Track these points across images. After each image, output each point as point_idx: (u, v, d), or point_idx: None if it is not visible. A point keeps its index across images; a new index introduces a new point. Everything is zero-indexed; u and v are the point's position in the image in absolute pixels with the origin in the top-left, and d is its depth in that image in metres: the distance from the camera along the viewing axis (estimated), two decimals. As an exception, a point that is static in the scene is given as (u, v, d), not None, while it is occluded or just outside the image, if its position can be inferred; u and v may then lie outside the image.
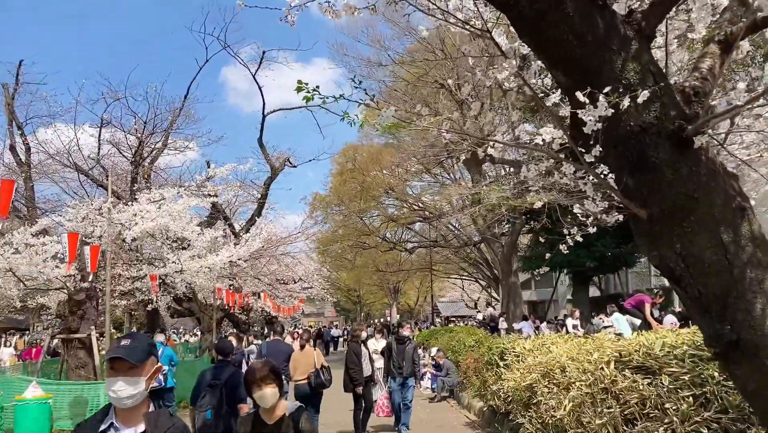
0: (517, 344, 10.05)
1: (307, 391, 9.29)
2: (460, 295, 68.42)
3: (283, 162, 24.36)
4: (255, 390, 4.00)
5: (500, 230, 26.33)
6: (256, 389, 4.00)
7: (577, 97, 2.95)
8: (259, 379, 3.99)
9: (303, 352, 9.77)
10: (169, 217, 13.23)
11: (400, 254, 43.22)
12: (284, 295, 31.99)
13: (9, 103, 18.15)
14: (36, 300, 15.08)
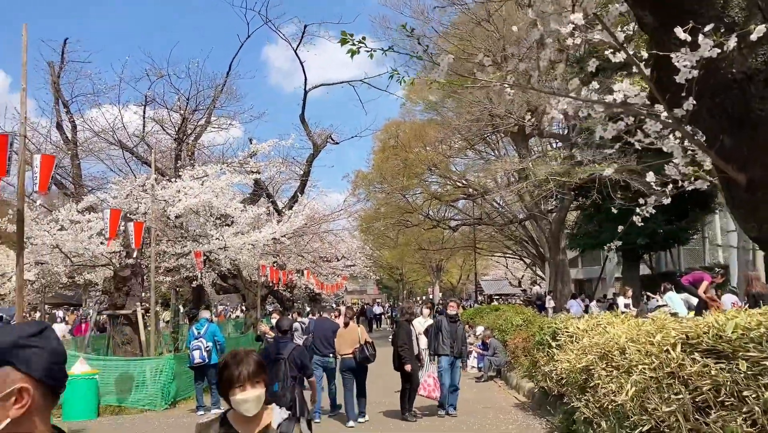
0: (570, 324, 9.62)
1: (353, 364, 9.90)
2: (504, 273, 67.63)
3: (325, 139, 24.11)
4: (236, 391, 2.70)
5: (547, 207, 25.64)
6: (237, 390, 2.69)
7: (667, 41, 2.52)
8: (245, 376, 2.70)
9: (348, 329, 10.28)
10: (212, 193, 13.12)
11: (443, 232, 42.79)
12: (327, 272, 31.96)
13: (55, 81, 18.25)
14: (83, 276, 15.20)
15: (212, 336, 11.35)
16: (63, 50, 18.42)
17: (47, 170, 8.03)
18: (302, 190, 23.31)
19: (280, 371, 6.58)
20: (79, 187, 17.29)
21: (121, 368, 12.41)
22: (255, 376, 2.73)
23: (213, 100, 19.61)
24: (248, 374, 2.72)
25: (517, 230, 41.04)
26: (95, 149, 19.79)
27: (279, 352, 6.78)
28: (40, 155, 8.06)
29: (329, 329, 10.51)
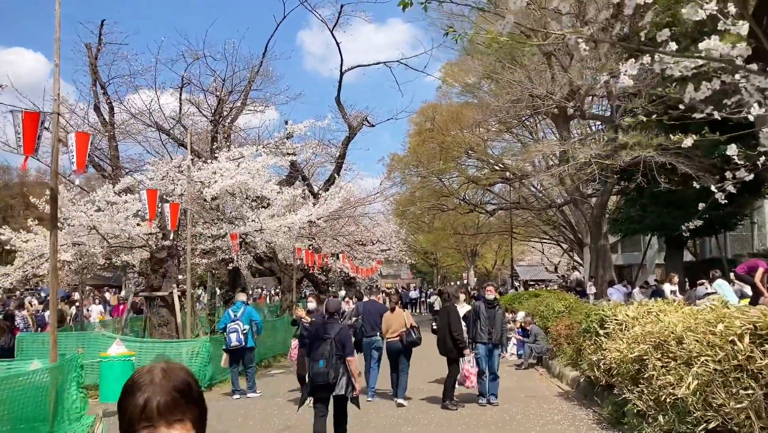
0: (619, 311, 9.19)
1: (399, 347, 10.38)
2: (540, 259, 66.72)
3: (361, 121, 23.78)
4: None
5: (588, 191, 24.94)
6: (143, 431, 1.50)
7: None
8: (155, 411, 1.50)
9: (394, 313, 10.72)
10: (248, 174, 12.91)
11: (479, 216, 42.19)
12: (362, 256, 31.76)
13: (92, 63, 18.21)
14: (120, 258, 15.21)
15: (249, 319, 11.18)
16: (100, 32, 18.36)
17: (83, 148, 7.86)
18: (338, 172, 23.07)
19: (326, 349, 6.93)
20: (116, 169, 17.28)
21: (157, 350, 12.32)
22: (172, 410, 1.51)
23: (249, 81, 19.40)
24: (160, 406, 1.50)
25: (555, 215, 40.31)
26: (133, 131, 19.77)
27: (326, 332, 7.10)
28: (75, 133, 7.89)
29: (379, 311, 10.99)
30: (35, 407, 7.18)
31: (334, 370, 6.88)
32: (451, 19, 24.76)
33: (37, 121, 6.98)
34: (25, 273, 13.15)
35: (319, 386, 6.94)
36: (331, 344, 6.95)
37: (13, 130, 7.01)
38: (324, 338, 7.02)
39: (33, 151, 7.07)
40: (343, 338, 7.10)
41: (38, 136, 7.03)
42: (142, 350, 12.23)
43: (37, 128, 6.98)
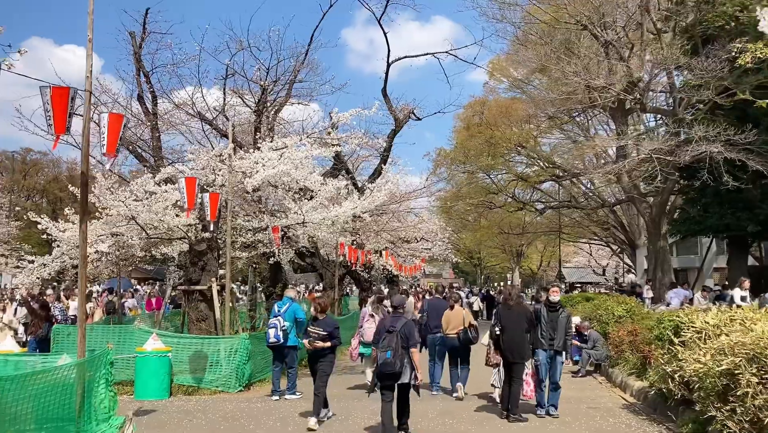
0: (697, 318, 8.26)
1: (456, 344, 10.84)
2: (587, 261, 65.06)
3: (408, 114, 23.00)
4: None
5: (645, 189, 23.70)
6: None
7: None
8: None
9: (453, 311, 11.09)
10: (291, 164, 12.31)
11: (524, 216, 41.02)
12: (406, 254, 31.03)
13: (136, 52, 17.88)
14: (159, 250, 14.80)
15: (293, 316, 10.56)
16: (144, 20, 18.02)
17: (116, 130, 7.30)
18: (383, 166, 22.37)
19: (393, 341, 7.55)
20: (158, 159, 16.92)
21: (194, 346, 11.83)
22: None
23: (294, 71, 18.85)
24: None
25: (606, 215, 38.89)
26: (175, 122, 19.43)
27: (393, 325, 7.74)
28: (108, 113, 7.34)
29: (442, 309, 11.31)
30: (61, 406, 6.67)
31: (399, 360, 7.47)
32: (502, 9, 23.89)
33: (67, 97, 6.44)
34: (63, 263, 12.81)
35: (386, 374, 7.57)
36: (398, 336, 7.57)
37: (42, 108, 6.49)
38: (391, 331, 7.65)
39: (64, 130, 6.55)
40: (408, 330, 7.70)
41: (69, 114, 6.50)
42: (179, 346, 11.76)
43: (66, 105, 6.45)
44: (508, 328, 8.94)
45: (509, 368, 9.00)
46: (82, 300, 7.02)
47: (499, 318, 9.10)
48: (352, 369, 14.59)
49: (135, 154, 17.84)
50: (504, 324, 8.97)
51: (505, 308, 9.19)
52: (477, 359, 11.08)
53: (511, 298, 9.25)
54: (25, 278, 12.91)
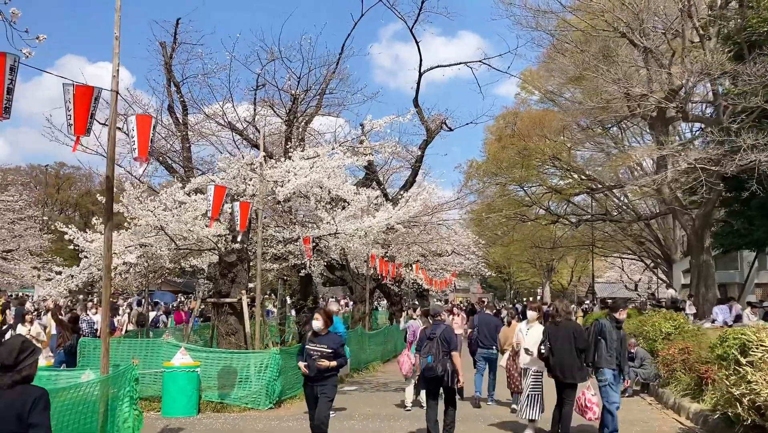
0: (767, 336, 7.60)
1: None
2: (619, 276, 63.74)
3: (440, 124, 22.52)
4: None
5: (687, 200, 22.82)
6: None
7: None
8: None
9: (511, 327, 11.44)
10: (324, 172, 11.89)
11: (555, 229, 40.07)
12: (436, 268, 30.44)
13: (167, 62, 17.71)
14: (188, 262, 14.46)
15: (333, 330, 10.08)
16: (175, 31, 17.86)
17: (145, 132, 6.93)
18: (414, 177, 21.92)
19: (434, 347, 7.92)
20: (189, 170, 16.66)
21: (224, 361, 11.41)
22: None
23: (325, 81, 18.48)
24: None
25: (641, 229, 37.84)
26: (206, 132, 19.20)
27: (433, 332, 8.10)
28: (136, 115, 6.98)
29: (492, 324, 11.71)
30: (81, 425, 6.25)
31: (441, 364, 7.79)
32: (536, 17, 23.37)
33: (90, 97, 6.08)
34: (91, 275, 12.52)
35: (429, 379, 7.99)
36: (437, 342, 7.92)
37: (64, 107, 6.14)
38: (431, 338, 8.03)
39: (84, 132, 6.17)
40: (447, 335, 8.02)
41: (91, 114, 6.13)
42: (207, 361, 11.34)
43: (89, 105, 6.08)
44: (556, 346, 8.28)
45: (560, 388, 8.38)
46: (106, 312, 6.63)
47: (547, 336, 8.46)
48: (385, 386, 14.07)
49: (165, 165, 17.62)
50: (552, 342, 8.32)
51: (553, 325, 8.53)
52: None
53: (559, 314, 8.54)
54: (53, 290, 12.64)
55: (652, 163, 32.61)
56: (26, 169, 62.28)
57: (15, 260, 34.94)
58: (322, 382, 7.25)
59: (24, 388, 3.63)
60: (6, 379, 3.60)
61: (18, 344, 3.72)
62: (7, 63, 4.93)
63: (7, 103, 5.00)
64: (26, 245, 36.11)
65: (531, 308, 9.86)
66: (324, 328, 7.40)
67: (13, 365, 3.62)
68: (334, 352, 7.26)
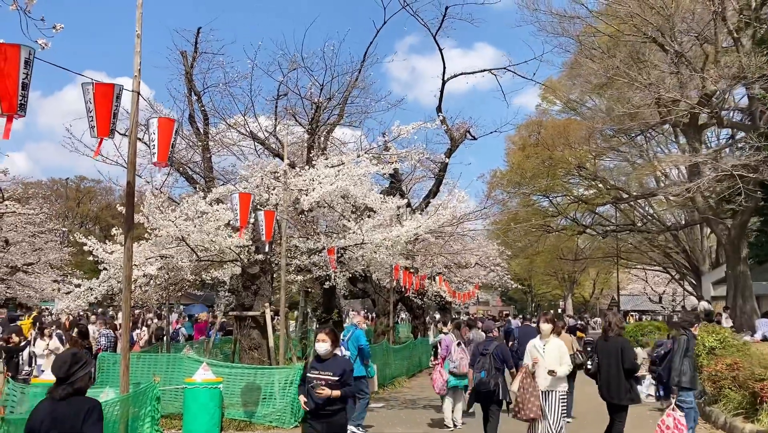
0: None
1: None
2: (643, 288, 62.70)
3: (464, 133, 22.08)
4: None
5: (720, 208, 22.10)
6: None
7: None
8: None
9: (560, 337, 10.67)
10: (350, 180, 11.46)
11: (577, 240, 39.29)
12: (459, 280, 29.87)
13: (188, 71, 17.44)
14: (210, 273, 14.06)
15: (356, 344, 9.62)
16: (196, 39, 17.60)
17: (167, 136, 6.56)
18: (439, 186, 21.44)
19: (487, 362, 8.20)
20: (210, 181, 16.33)
21: (247, 377, 10.97)
22: None
23: (347, 90, 18.09)
24: None
25: (667, 239, 36.98)
26: (227, 143, 18.87)
27: (486, 348, 8.46)
28: (158, 118, 6.59)
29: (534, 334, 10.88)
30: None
31: (493, 379, 8.11)
32: (562, 22, 22.89)
33: (111, 95, 5.70)
34: (111, 287, 12.16)
35: (482, 393, 8.28)
36: (490, 358, 8.23)
37: (84, 108, 5.76)
38: (484, 353, 8.36)
39: (108, 133, 5.79)
40: (501, 352, 8.37)
41: (113, 114, 5.74)
42: (230, 377, 10.91)
43: (111, 105, 5.70)
44: (604, 363, 7.75)
45: (609, 409, 7.84)
46: (126, 326, 6.21)
47: (596, 351, 7.95)
48: (413, 403, 13.54)
49: (185, 175, 17.29)
50: (601, 359, 7.79)
51: (603, 339, 8.00)
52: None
53: (611, 328, 7.95)
54: (71, 303, 12.29)
55: (677, 172, 31.96)
56: (47, 183, 62.71)
57: (35, 273, 34.93)
58: (327, 419, 5.83)
59: (77, 399, 3.73)
60: (59, 391, 3.71)
61: (70, 356, 3.82)
62: (21, 56, 4.58)
63: (22, 100, 4.66)
64: (46, 258, 36.14)
65: (545, 321, 8.40)
66: (330, 351, 5.99)
67: (65, 377, 3.72)
68: (340, 380, 5.82)
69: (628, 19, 20.14)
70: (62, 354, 3.99)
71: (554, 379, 7.87)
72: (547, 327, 8.22)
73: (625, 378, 7.58)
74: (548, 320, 8.38)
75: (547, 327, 8.22)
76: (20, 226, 33.13)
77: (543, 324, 8.34)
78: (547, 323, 8.29)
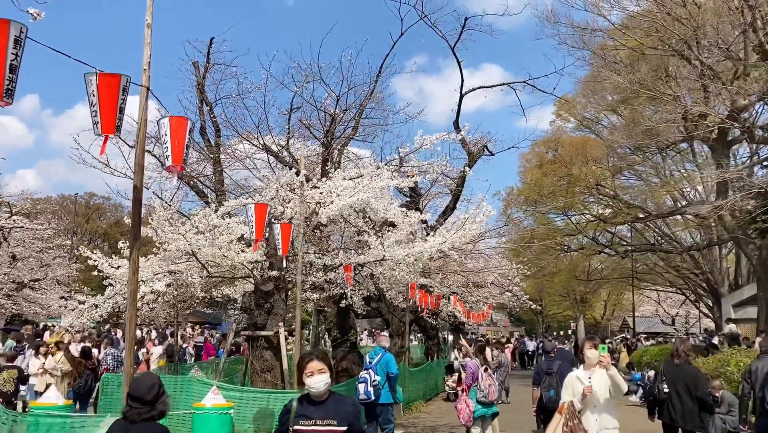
0: None
1: None
2: (655, 309, 61.73)
3: (481, 148, 21.45)
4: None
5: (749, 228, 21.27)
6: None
7: None
8: None
9: None
10: (371, 192, 10.81)
11: (589, 261, 38.47)
12: (474, 300, 29.11)
13: (200, 82, 16.93)
14: (221, 291, 13.40)
15: (385, 369, 8.93)
16: (209, 50, 17.11)
17: (181, 136, 5.95)
18: (455, 203, 20.76)
19: (554, 381, 8.70)
20: (221, 194, 15.73)
21: (259, 402, 10.25)
22: None
23: (362, 105, 17.49)
24: None
25: (684, 260, 36.09)
26: (240, 156, 18.28)
27: (550, 367, 9.20)
28: (169, 117, 5.98)
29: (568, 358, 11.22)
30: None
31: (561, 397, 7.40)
32: (582, 35, 22.30)
33: (118, 87, 5.08)
34: (116, 304, 11.49)
35: (551, 410, 8.21)
36: (556, 376, 8.64)
37: (87, 101, 5.15)
38: (549, 373, 9.07)
39: (113, 130, 5.17)
40: (564, 371, 8.15)
41: (119, 107, 5.13)
42: (241, 401, 10.20)
43: (117, 97, 5.09)
44: (671, 388, 7.54)
45: None
46: (130, 346, 5.53)
47: (663, 376, 7.68)
48: (433, 430, 12.76)
49: (196, 190, 16.71)
50: (670, 385, 7.55)
51: (673, 365, 7.77)
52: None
53: (679, 354, 7.78)
54: (75, 320, 11.63)
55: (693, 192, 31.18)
56: (56, 199, 62.54)
57: (42, 290, 34.41)
58: None
59: (150, 424, 3.78)
60: (143, 413, 3.73)
61: (156, 379, 3.91)
62: (11, 33, 4.00)
63: (9, 85, 4.10)
64: (54, 274, 35.69)
65: (592, 346, 6.68)
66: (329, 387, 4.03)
67: (153, 400, 3.77)
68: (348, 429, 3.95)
69: (652, 32, 19.53)
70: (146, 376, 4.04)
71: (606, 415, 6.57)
72: (594, 354, 6.55)
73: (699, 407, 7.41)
74: (596, 346, 6.68)
75: (594, 354, 6.55)
76: (28, 241, 32.66)
77: (589, 351, 6.63)
78: (593, 348, 6.61)
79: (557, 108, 34.09)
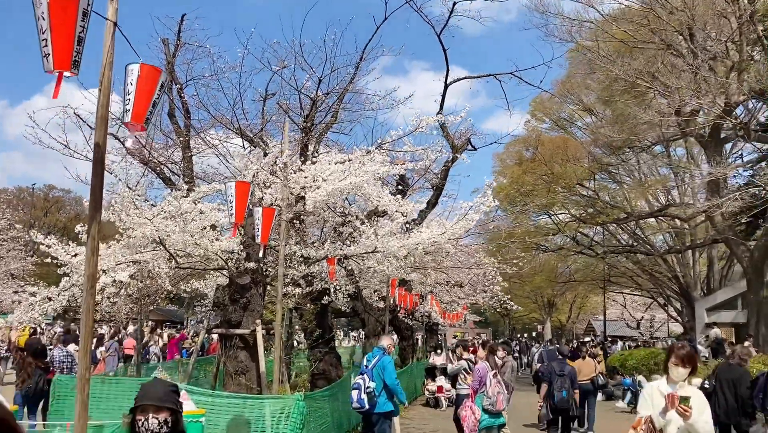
0: None
1: (590, 388, 12.80)
2: (621, 313, 62.23)
3: (465, 142, 20.53)
4: None
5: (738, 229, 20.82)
6: None
7: None
8: None
9: (585, 361, 13.10)
10: (364, 176, 9.76)
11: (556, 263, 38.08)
12: (449, 299, 28.26)
13: (169, 61, 15.64)
14: (190, 284, 12.19)
15: (382, 374, 7.87)
16: (179, 28, 15.80)
17: (149, 89, 4.83)
18: (437, 198, 19.81)
19: (566, 383, 9.85)
20: (190, 181, 14.47)
21: (234, 408, 9.12)
22: None
23: (340, 96, 16.37)
24: None
25: (656, 263, 35.86)
26: (211, 141, 17.00)
27: (561, 369, 10.12)
28: (140, 64, 4.85)
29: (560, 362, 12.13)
30: None
31: (572, 398, 9.85)
32: (572, 27, 21.62)
33: (75, 8, 3.94)
34: (73, 296, 10.22)
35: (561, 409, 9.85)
36: (567, 378, 9.76)
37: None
38: (561, 375, 9.86)
39: (69, 66, 4.03)
40: (572, 375, 10.04)
41: (77, 39, 3.99)
42: (213, 407, 9.04)
43: (74, 21, 3.95)
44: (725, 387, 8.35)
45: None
46: (87, 344, 4.39)
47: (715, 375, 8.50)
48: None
49: (162, 177, 15.43)
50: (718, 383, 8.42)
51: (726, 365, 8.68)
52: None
53: (733, 357, 8.65)
54: (23, 315, 10.32)
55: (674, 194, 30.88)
56: (13, 191, 60.12)
57: (-6, 283, 32.75)
58: None
59: None
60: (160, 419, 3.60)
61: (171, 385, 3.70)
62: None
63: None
64: (8, 267, 34.00)
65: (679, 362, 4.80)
66: None
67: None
68: None
69: (644, 24, 18.89)
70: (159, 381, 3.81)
71: None
72: (684, 372, 4.81)
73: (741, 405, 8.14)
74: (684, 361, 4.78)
75: (684, 372, 4.81)
76: (-21, 232, 30.93)
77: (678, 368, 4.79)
78: (684, 366, 4.78)
79: (532, 108, 33.57)
